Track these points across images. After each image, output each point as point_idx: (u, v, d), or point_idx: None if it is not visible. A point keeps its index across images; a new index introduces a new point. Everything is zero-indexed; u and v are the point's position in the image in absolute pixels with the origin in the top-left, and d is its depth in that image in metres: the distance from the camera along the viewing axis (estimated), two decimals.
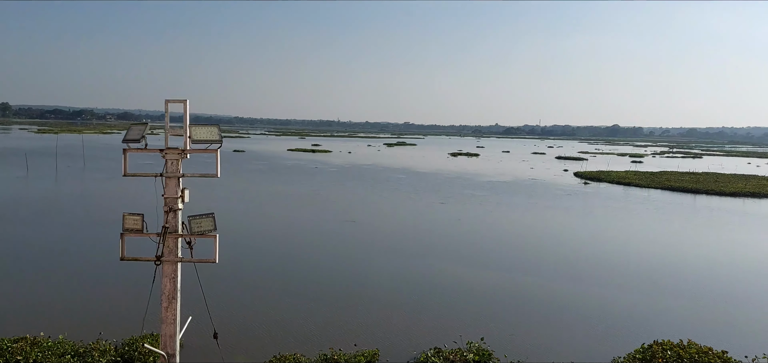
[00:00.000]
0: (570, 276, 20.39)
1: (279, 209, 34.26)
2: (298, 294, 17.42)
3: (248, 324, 14.86)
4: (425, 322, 15.33)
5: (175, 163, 5.53)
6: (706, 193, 47.36)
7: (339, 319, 15.34)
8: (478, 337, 13.79)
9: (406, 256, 22.78)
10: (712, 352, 12.88)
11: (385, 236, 26.98)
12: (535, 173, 66.42)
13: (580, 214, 35.20)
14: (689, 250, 25.77)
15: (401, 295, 17.59)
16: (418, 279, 19.50)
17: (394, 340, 13.90)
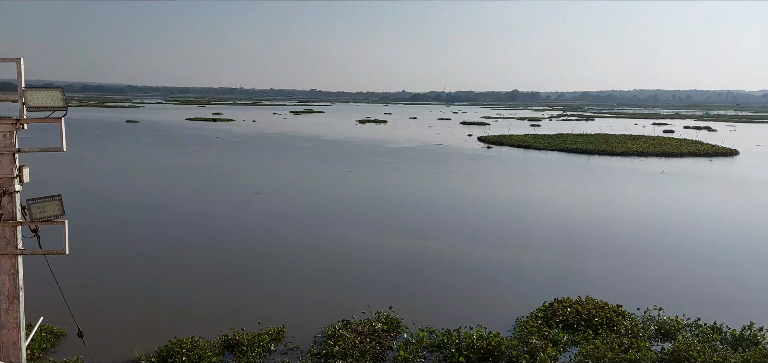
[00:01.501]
0: (475, 239, 20.65)
1: (176, 183, 32.49)
2: (195, 274, 16.45)
3: (134, 312, 13.80)
4: (333, 294, 14.91)
5: (8, 136, 4.58)
6: (598, 153, 49.96)
7: (242, 298, 14.61)
8: (386, 306, 13.58)
9: (313, 228, 22.20)
10: (608, 306, 13.38)
11: (292, 208, 26.23)
12: (441, 139, 67.43)
13: (483, 178, 35.98)
14: (585, 209, 26.91)
15: (308, 269, 17.06)
16: (325, 251, 19.02)
17: (301, 315, 13.39)
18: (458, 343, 11.42)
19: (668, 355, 11.10)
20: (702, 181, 36.49)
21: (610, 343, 11.47)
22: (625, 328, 12.34)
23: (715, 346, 11.54)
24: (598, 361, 10.69)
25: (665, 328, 12.49)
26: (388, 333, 12.25)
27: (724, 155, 50.24)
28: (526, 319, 12.87)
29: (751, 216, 25.78)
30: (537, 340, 11.41)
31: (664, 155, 48.79)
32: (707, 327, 12.54)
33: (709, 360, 10.78)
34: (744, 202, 28.95)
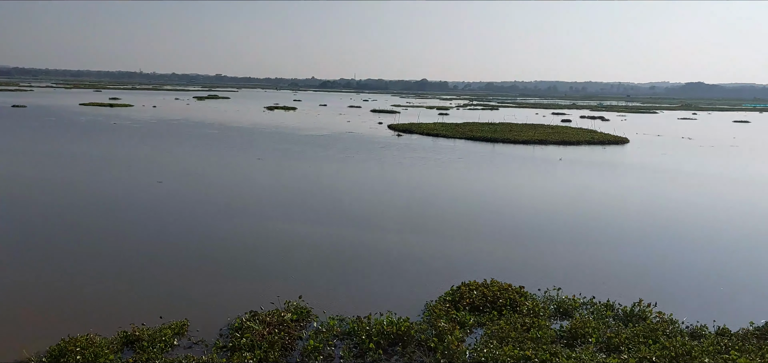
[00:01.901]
0: (386, 226, 20.80)
1: (68, 171, 30.46)
2: (90, 269, 15.47)
3: (22, 311, 12.81)
4: (240, 285, 14.51)
5: None
6: (502, 141, 51.83)
7: (142, 292, 13.90)
8: (295, 295, 13.39)
9: (219, 218, 21.51)
10: (512, 288, 13.89)
11: (196, 197, 25.29)
12: (352, 126, 67.46)
13: (394, 166, 36.35)
14: (490, 195, 27.83)
15: (213, 260, 16.49)
16: (231, 241, 18.47)
17: (206, 308, 12.93)
18: (368, 329, 11.45)
19: (566, 332, 11.68)
20: (596, 167, 38.76)
21: (514, 323, 11.91)
22: (527, 308, 12.86)
23: (608, 322, 12.27)
24: (503, 340, 11.06)
25: (564, 307, 13.13)
26: (297, 323, 12.08)
27: (616, 143, 53.59)
28: (434, 303, 13.11)
29: (640, 200, 27.65)
30: (445, 323, 11.65)
31: (562, 143, 51.31)
32: (601, 305, 13.29)
33: (603, 335, 11.44)
34: (634, 187, 31.01)
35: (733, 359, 9.93)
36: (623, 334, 11.37)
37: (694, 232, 21.48)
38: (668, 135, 66.59)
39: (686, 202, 27.46)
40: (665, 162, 41.65)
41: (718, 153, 48.94)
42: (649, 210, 25.28)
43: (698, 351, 10.36)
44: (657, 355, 10.14)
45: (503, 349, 10.46)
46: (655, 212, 24.83)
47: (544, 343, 10.98)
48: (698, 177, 35.08)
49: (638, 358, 9.99)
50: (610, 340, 11.17)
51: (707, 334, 11.62)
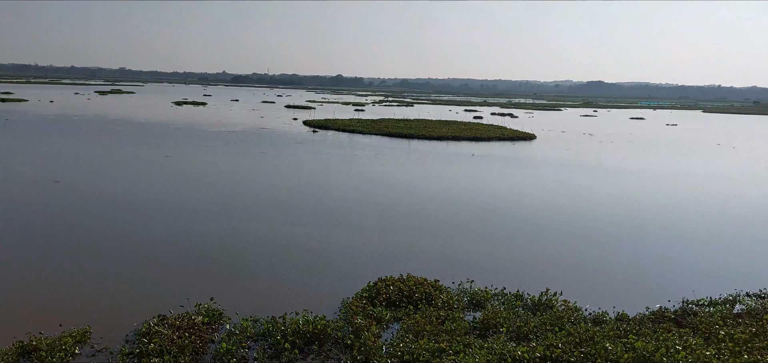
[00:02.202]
0: (302, 222, 20.55)
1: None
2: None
3: None
4: (147, 289, 13.86)
5: None
6: (418, 137, 52.61)
7: (39, 299, 12.98)
8: (207, 297, 12.94)
9: (122, 218, 20.46)
10: (427, 282, 14.10)
11: (97, 197, 23.93)
12: (265, 122, 66.24)
13: (310, 162, 36.02)
14: (406, 190, 28.16)
15: (117, 264, 15.66)
16: (136, 243, 17.62)
17: (110, 314, 12.24)
18: (284, 329, 11.25)
19: (479, 323, 12.00)
20: (506, 162, 40.16)
21: (429, 316, 12.09)
22: (442, 301, 13.10)
23: (518, 312, 12.72)
24: (418, 334, 11.19)
25: (476, 299, 13.48)
26: (209, 325, 11.68)
27: (524, 139, 55.77)
28: (351, 300, 13.07)
29: (546, 193, 28.89)
30: (361, 319, 11.64)
31: (474, 139, 52.80)
32: (511, 295, 13.76)
33: (513, 324, 11.85)
34: (540, 181, 32.36)
35: (631, 342, 10.54)
36: (532, 322, 11.82)
37: (596, 223, 22.70)
38: (572, 131, 70.09)
39: (588, 194, 29.00)
40: (570, 156, 43.80)
41: (618, 148, 52.04)
42: (554, 203, 26.47)
43: (600, 336, 10.93)
44: (563, 341, 10.61)
45: (419, 343, 10.58)
46: (561, 205, 26.03)
47: (458, 335, 11.21)
48: (600, 171, 37.14)
49: (546, 344, 10.40)
50: (519, 328, 11.58)
51: (608, 320, 12.29)
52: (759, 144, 61.47)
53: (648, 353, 10.00)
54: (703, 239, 20.78)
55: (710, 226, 23.11)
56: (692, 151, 52.97)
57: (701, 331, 11.59)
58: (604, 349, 10.19)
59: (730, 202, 28.57)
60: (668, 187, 32.07)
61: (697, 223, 23.50)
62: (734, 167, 41.93)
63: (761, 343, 10.71)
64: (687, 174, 37.41)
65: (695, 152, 51.73)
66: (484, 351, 10.38)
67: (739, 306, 13.53)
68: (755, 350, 10.29)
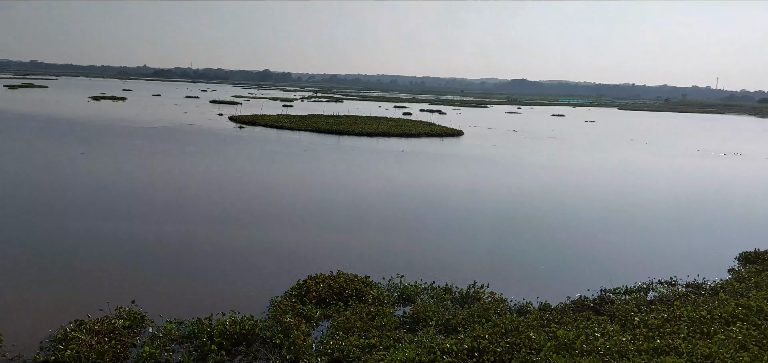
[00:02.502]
0: (228, 220, 20.09)
1: None
2: None
3: None
4: (64, 293, 13.14)
5: None
6: (347, 133, 52.52)
7: None
8: (128, 300, 12.39)
9: (34, 219, 19.32)
10: (357, 278, 14.09)
11: (7, 197, 22.48)
12: (189, 118, 64.25)
13: (236, 158, 35.26)
14: (336, 186, 28.07)
15: (31, 267, 14.78)
16: (51, 245, 16.69)
17: (24, 320, 11.54)
18: (210, 330, 10.94)
19: (409, 317, 12.11)
20: (435, 158, 40.78)
21: (359, 312, 12.09)
22: (373, 297, 13.14)
23: (446, 305, 12.94)
24: (349, 331, 11.17)
25: (406, 294, 13.61)
26: (130, 329, 11.20)
27: (452, 135, 56.79)
28: (280, 299, 12.89)
29: (474, 188, 29.56)
30: (291, 318, 11.50)
31: (404, 135, 53.26)
32: (440, 289, 13.97)
33: (442, 318, 12.04)
34: (468, 176, 33.08)
35: (554, 331, 10.95)
36: (460, 315, 12.05)
37: (521, 216, 23.43)
38: (498, 128, 72.02)
39: (514, 189, 29.89)
40: (496, 152, 45.00)
41: (541, 143, 53.92)
42: (482, 198, 27.12)
43: (524, 326, 11.29)
44: (489, 332, 10.87)
45: (349, 339, 10.56)
46: (488, 199, 26.71)
47: (389, 330, 11.28)
48: (524, 166, 38.35)
49: (473, 336, 10.63)
50: (448, 321, 11.78)
51: (532, 310, 12.70)
52: (669, 139, 65.35)
53: (569, 341, 10.41)
54: (619, 230, 21.87)
55: (626, 216, 24.35)
56: (609, 146, 55.62)
57: (618, 318, 12.18)
58: (528, 339, 10.52)
59: (643, 193, 30.20)
60: (587, 180, 33.53)
61: (613, 214, 24.70)
62: (647, 161, 44.35)
63: (672, 328, 11.38)
64: (604, 168, 39.25)
65: (611, 147, 54.34)
66: (413, 345, 10.49)
67: (652, 293, 14.32)
68: (667, 335, 10.92)
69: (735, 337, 10.81)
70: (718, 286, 14.78)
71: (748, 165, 44.44)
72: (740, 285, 14.61)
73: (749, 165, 44.55)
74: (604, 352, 10.08)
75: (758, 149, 58.27)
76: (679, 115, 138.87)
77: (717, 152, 51.75)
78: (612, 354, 9.99)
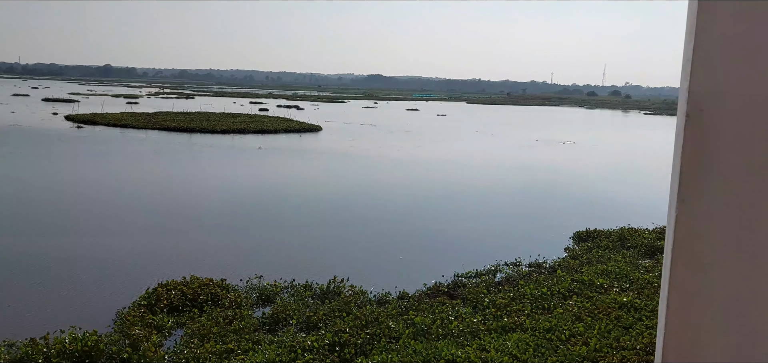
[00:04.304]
0: (62, 230, 18.32)
1: None
2: None
3: None
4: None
5: None
6: (200, 131, 50.35)
7: None
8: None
9: None
10: (213, 282, 13.54)
11: None
12: (18, 118, 57.84)
13: (72, 161, 32.34)
14: (187, 188, 26.76)
15: None
16: None
17: None
18: (46, 351, 9.89)
19: (269, 318, 11.84)
20: (293, 153, 40.40)
21: (216, 317, 11.60)
22: (230, 300, 12.67)
23: (307, 302, 12.83)
24: (204, 337, 10.67)
25: (266, 294, 13.30)
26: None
27: (311, 131, 56.68)
28: (127, 310, 11.98)
29: (332, 183, 29.68)
30: (139, 330, 10.73)
31: (260, 132, 52.17)
32: (301, 286, 13.83)
33: (302, 315, 11.91)
34: (326, 172, 33.15)
35: (411, 318, 11.29)
36: (321, 311, 12.00)
37: (379, 208, 23.94)
38: (355, 122, 73.04)
39: (372, 182, 30.48)
40: (354, 147, 45.59)
41: (396, 137, 55.52)
42: (340, 192, 27.32)
43: (384, 316, 11.52)
44: (350, 325, 10.95)
45: (205, 346, 10.09)
46: (346, 193, 26.96)
47: (247, 333, 10.94)
48: (381, 159, 39.25)
49: (334, 331, 10.64)
50: (309, 318, 11.68)
51: (391, 300, 13.00)
52: (511, 130, 70.45)
53: (426, 326, 10.79)
54: (470, 217, 23.14)
55: (475, 203, 25.82)
56: (458, 138, 58.71)
57: (470, 300, 12.86)
58: (387, 328, 10.75)
59: (491, 181, 32.24)
60: (439, 171, 35.11)
61: (464, 202, 26.08)
62: (492, 151, 47.43)
63: (518, 306, 12.23)
64: (454, 159, 41.35)
65: (461, 140, 57.42)
66: (273, 345, 10.27)
67: (499, 275, 15.28)
68: (513, 313, 11.71)
69: (571, 310, 11.87)
70: (556, 264, 16.16)
71: (582, 152, 49.22)
72: (575, 262, 16.09)
73: (583, 152, 49.36)
74: (458, 334, 10.57)
75: (590, 138, 64.76)
76: (520, 107, 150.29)
77: (555, 141, 56.70)
78: (465, 335, 10.51)
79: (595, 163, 43.22)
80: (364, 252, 17.71)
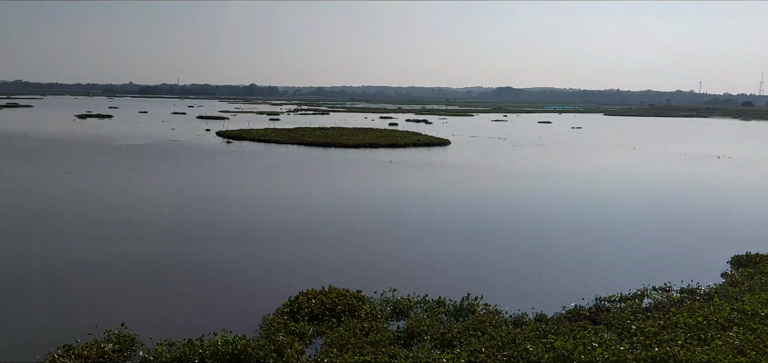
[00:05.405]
0: (215, 239, 19.80)
1: None
2: None
3: None
4: (51, 318, 12.85)
5: None
6: (334, 146, 52.34)
7: None
8: (117, 323, 12.10)
9: (17, 242, 18.94)
10: (350, 293, 13.91)
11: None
12: (177, 134, 63.81)
13: (223, 174, 34.93)
14: (326, 199, 27.84)
15: (17, 292, 14.44)
16: (36, 268, 16.33)
17: (11, 348, 11.23)
18: (202, 352, 10.71)
19: (403, 332, 11.93)
20: (423, 167, 40.69)
21: (353, 328, 11.89)
22: (365, 312, 12.95)
23: (441, 319, 12.77)
24: (343, 348, 10.97)
25: (400, 307, 13.43)
26: (120, 353, 10.94)
27: (439, 144, 56.81)
28: (272, 317, 12.66)
29: (462, 198, 29.46)
30: (283, 336, 11.28)
31: (391, 146, 53.19)
32: (433, 301, 13.81)
33: (436, 331, 11.86)
34: (456, 185, 32.99)
35: (551, 342, 10.82)
36: (455, 328, 11.88)
37: (512, 225, 23.36)
38: (484, 136, 72.20)
39: (503, 197, 29.85)
40: (484, 161, 45.01)
41: (529, 151, 54.05)
42: (471, 207, 27.03)
43: (521, 338, 11.15)
44: (486, 345, 10.72)
45: (343, 357, 10.37)
46: (477, 209, 26.62)
47: (383, 346, 11.09)
48: (513, 174, 38.36)
49: (470, 350, 10.48)
50: (443, 335, 11.61)
51: (528, 321, 12.57)
52: (655, 144, 65.80)
53: (567, 352, 10.28)
54: (612, 236, 21.85)
55: (617, 222, 24.34)
56: (596, 152, 55.89)
57: (614, 326, 12.09)
58: (525, 351, 10.39)
59: (633, 198, 30.27)
60: (576, 187, 33.59)
61: (604, 220, 24.69)
62: (635, 166, 44.57)
63: (669, 334, 11.30)
64: (591, 174, 39.36)
65: (599, 153, 54.60)
66: (409, 361, 10.31)
67: (647, 300, 14.25)
68: (664, 342, 10.83)
69: (732, 342, 10.75)
70: (712, 290, 14.77)
71: (737, 168, 44.81)
72: (734, 289, 14.59)
73: (739, 168, 44.91)
74: (603, 361, 9.96)
75: (747, 152, 58.85)
76: (664, 119, 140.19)
77: (707, 156, 52.14)
78: None
79: (753, 180, 39.11)
80: (497, 269, 17.34)
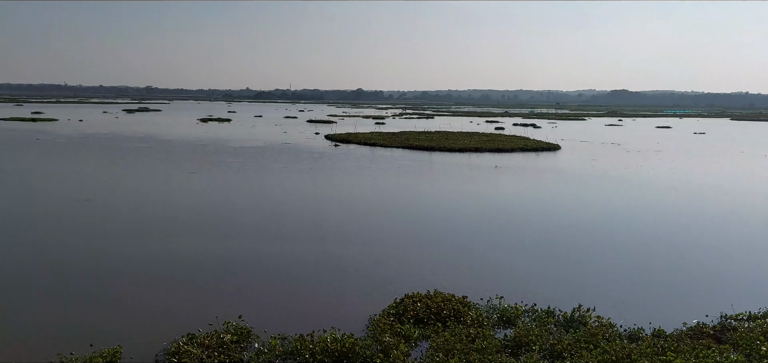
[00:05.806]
0: (325, 238, 20.47)
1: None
2: (11, 296, 14.44)
3: None
4: (177, 307, 13.89)
5: None
6: (439, 150, 52.38)
7: (70, 319, 13.06)
8: (235, 315, 12.87)
9: (150, 236, 20.61)
10: (455, 298, 13.86)
11: (124, 216, 24.18)
12: (288, 137, 66.63)
13: (332, 176, 36.03)
14: (430, 203, 27.95)
15: (147, 282, 15.74)
16: (166, 261, 17.70)
17: (140, 333, 12.26)
18: (312, 347, 11.13)
19: (511, 341, 11.73)
20: (530, 173, 39.71)
21: (459, 334, 11.85)
22: (471, 318, 12.86)
23: (550, 329, 12.42)
24: (448, 353, 10.97)
25: (507, 316, 13.22)
26: (237, 344, 11.62)
27: (548, 150, 55.19)
28: (378, 317, 12.91)
29: (571, 205, 28.43)
30: (390, 337, 11.47)
31: (497, 150, 52.38)
32: (542, 311, 13.46)
33: (545, 342, 11.55)
34: (565, 192, 31.88)
35: (670, 360, 10.21)
36: (565, 340, 11.52)
37: (627, 235, 22.23)
38: (597, 141, 69.21)
39: (618, 205, 28.47)
40: (596, 167, 43.17)
41: (645, 157, 51.18)
42: (582, 215, 26.03)
43: (637, 354, 10.61)
44: (598, 359, 10.31)
45: (449, 362, 10.36)
46: (589, 217, 25.59)
47: (490, 354, 10.97)
48: (628, 181, 36.50)
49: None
50: (553, 347, 11.29)
51: (644, 337, 11.93)
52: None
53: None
54: (738, 251, 20.21)
55: (745, 236, 22.48)
56: (721, 160, 51.88)
57: (742, 347, 11.19)
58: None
59: (762, 211, 27.81)
60: (698, 196, 31.38)
61: (731, 233, 22.89)
62: (765, 176, 40.88)
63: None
64: (716, 183, 36.59)
65: (724, 161, 50.65)
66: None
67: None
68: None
69: None
70: None
71: None
72: None
73: None
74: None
75: None
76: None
77: None
78: None
79: None
80: (611, 280, 16.58)
